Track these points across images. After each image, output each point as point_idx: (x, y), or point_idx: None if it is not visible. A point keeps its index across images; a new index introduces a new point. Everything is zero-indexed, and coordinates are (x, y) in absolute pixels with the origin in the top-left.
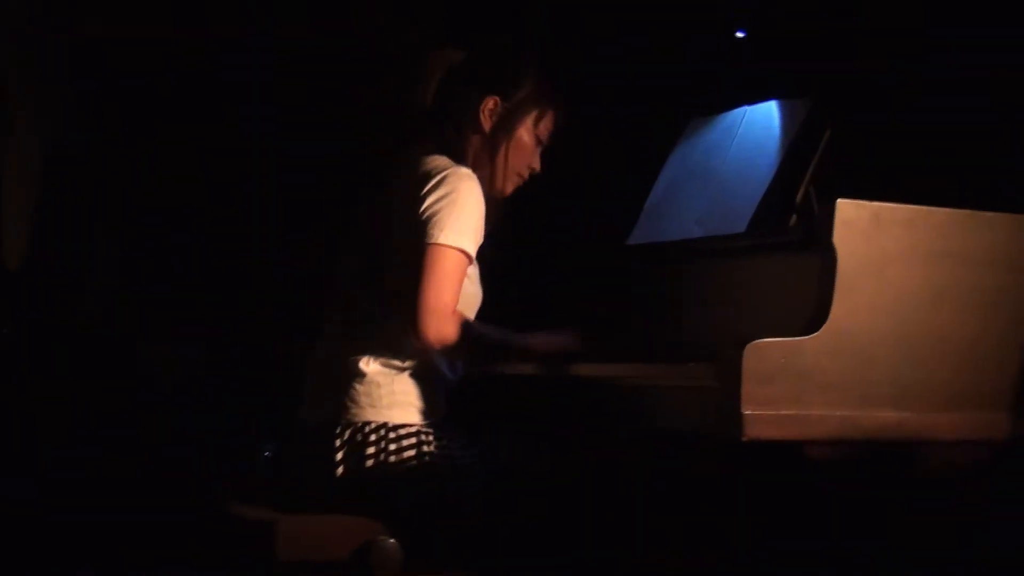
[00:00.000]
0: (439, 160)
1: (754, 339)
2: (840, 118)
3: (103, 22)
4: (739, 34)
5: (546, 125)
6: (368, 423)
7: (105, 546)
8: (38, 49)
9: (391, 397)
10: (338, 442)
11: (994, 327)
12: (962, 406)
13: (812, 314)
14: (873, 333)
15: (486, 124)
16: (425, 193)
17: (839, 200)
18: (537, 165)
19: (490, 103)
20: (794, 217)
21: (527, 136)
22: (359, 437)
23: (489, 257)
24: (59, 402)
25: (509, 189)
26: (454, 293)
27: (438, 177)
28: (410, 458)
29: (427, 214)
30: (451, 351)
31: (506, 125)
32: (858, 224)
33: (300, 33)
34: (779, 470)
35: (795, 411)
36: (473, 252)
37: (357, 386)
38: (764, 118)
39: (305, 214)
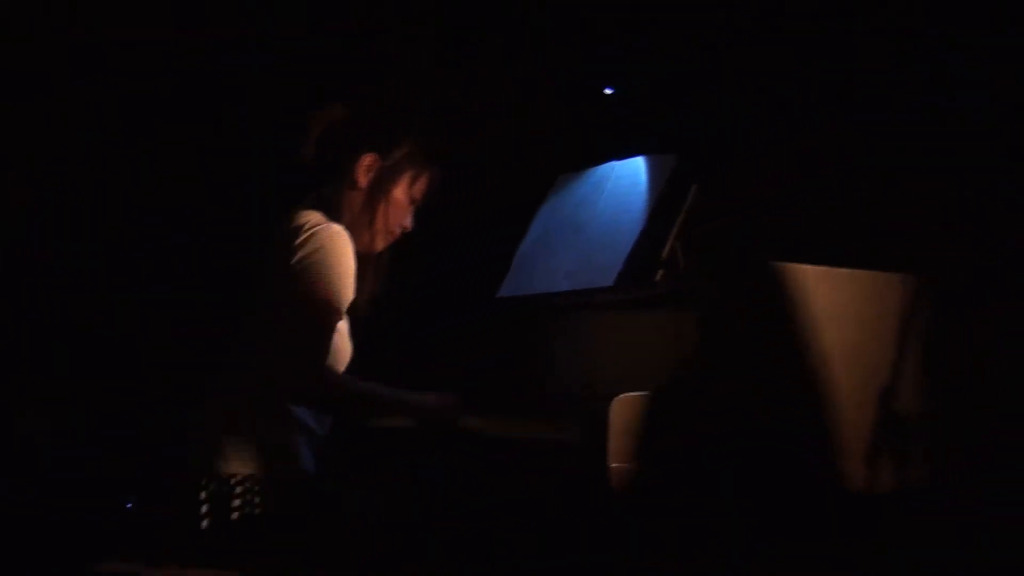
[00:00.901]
0: (312, 216)
1: (622, 392)
2: (706, 174)
3: None
4: (607, 91)
5: (421, 186)
6: (234, 475)
7: None
8: None
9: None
10: (204, 494)
11: (848, 382)
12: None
13: (678, 367)
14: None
15: (362, 180)
16: (296, 247)
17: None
18: (409, 224)
19: (367, 159)
20: (661, 272)
21: (402, 195)
22: (225, 489)
23: (364, 309)
24: None
25: (380, 246)
26: (324, 348)
27: (309, 232)
28: (277, 510)
29: (297, 270)
30: (323, 405)
31: (382, 183)
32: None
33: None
34: (646, 520)
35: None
36: (343, 308)
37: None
38: (632, 173)
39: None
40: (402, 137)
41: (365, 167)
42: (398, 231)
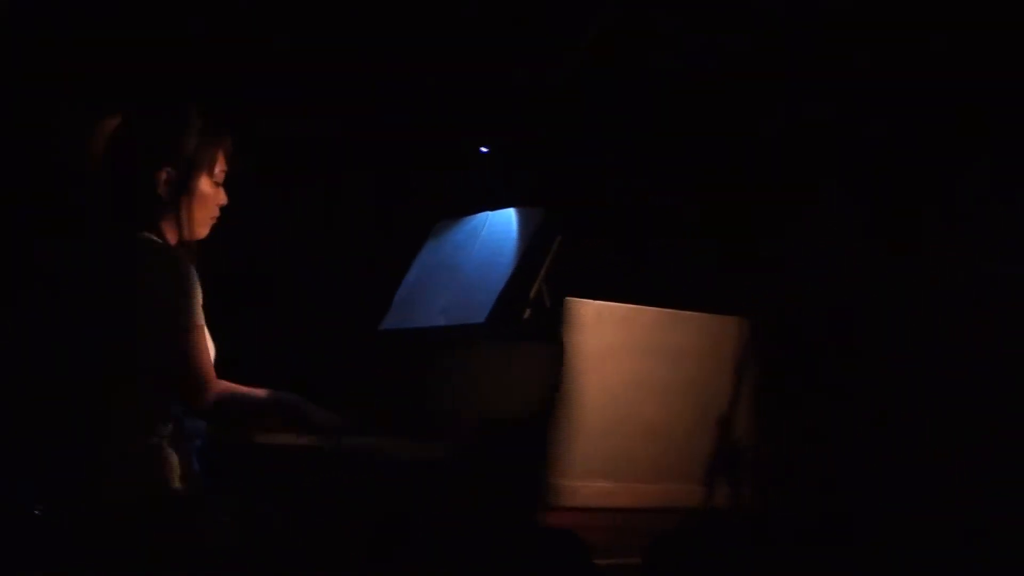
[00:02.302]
0: (147, 244)
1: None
2: (570, 225)
3: None
4: (483, 150)
5: (220, 167)
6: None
7: None
8: None
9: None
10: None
11: (689, 411)
12: (663, 478)
13: (542, 398)
14: (593, 415)
15: (166, 193)
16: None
17: (568, 298)
18: (223, 199)
19: (163, 175)
20: (528, 311)
21: (207, 187)
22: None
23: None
24: None
25: (206, 232)
26: (210, 362)
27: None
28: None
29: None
30: (228, 414)
31: (185, 187)
32: (584, 320)
33: None
34: (511, 533)
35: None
36: (202, 317)
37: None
38: (504, 222)
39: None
40: (184, 140)
41: (164, 182)
42: (217, 212)
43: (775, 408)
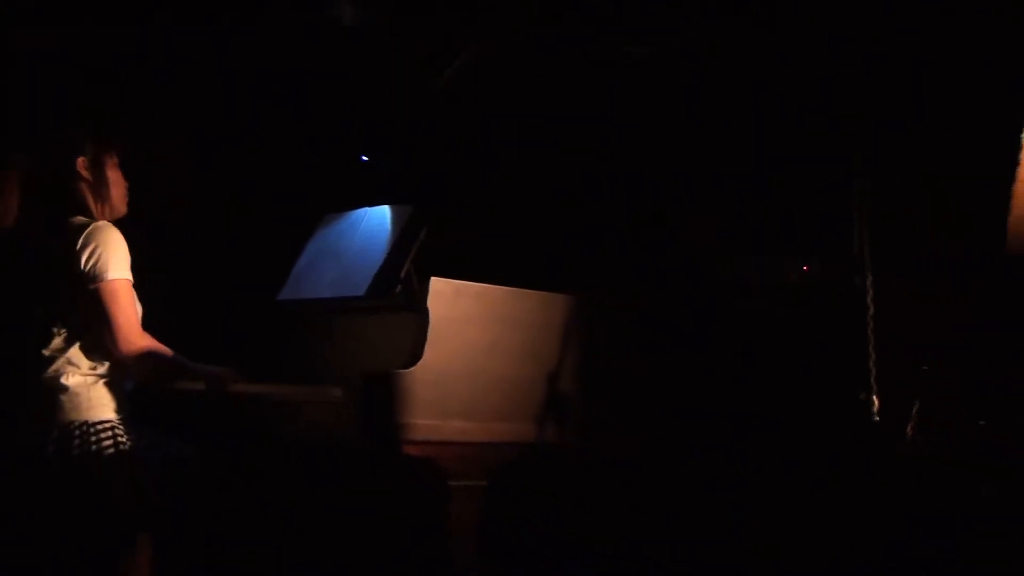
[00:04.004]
0: (79, 220)
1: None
2: (433, 220)
3: None
4: (363, 158)
5: (117, 159)
6: (73, 422)
7: None
8: None
9: (89, 402)
10: (49, 437)
11: (528, 368)
12: (509, 419)
13: (410, 356)
14: (452, 369)
15: (88, 175)
16: (80, 248)
17: (432, 277)
18: (126, 184)
19: (82, 160)
20: (400, 287)
21: (114, 172)
22: (64, 433)
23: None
24: None
25: (124, 210)
26: (135, 312)
27: (85, 234)
28: (108, 447)
29: (91, 262)
30: (148, 361)
31: (101, 169)
32: (444, 295)
33: None
34: (388, 466)
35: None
36: (131, 279)
37: (62, 397)
38: (380, 216)
39: None
40: (87, 139)
41: (84, 166)
42: (126, 194)
43: (595, 365)
